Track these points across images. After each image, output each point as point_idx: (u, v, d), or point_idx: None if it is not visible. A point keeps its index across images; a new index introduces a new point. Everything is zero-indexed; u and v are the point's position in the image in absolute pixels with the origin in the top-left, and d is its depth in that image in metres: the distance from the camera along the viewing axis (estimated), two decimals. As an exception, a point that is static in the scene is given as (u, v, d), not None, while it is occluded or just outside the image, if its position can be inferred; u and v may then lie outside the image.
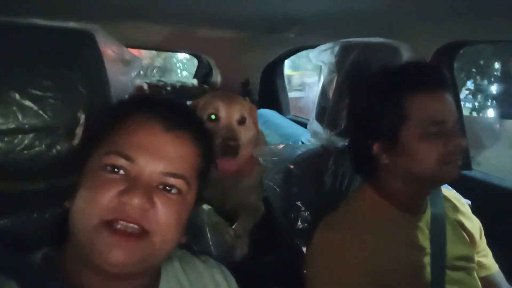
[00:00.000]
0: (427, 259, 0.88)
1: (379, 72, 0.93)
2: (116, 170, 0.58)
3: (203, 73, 2.51)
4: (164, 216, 0.58)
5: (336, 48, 1.14)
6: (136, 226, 0.56)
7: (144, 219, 0.56)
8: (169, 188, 0.60)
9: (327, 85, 1.18)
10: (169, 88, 2.08)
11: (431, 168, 0.84)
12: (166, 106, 0.67)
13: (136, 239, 0.56)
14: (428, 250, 0.89)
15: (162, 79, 2.22)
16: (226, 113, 1.19)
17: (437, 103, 0.85)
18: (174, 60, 4.42)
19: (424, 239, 0.90)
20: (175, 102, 0.71)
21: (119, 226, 0.55)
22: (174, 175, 0.60)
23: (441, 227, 0.93)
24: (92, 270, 0.56)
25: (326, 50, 1.16)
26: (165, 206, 0.58)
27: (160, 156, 0.60)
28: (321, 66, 1.21)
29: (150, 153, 0.59)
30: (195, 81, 2.42)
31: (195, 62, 2.58)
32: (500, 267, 1.03)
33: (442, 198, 0.99)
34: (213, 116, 1.19)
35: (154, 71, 4.01)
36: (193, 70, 2.66)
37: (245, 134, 1.22)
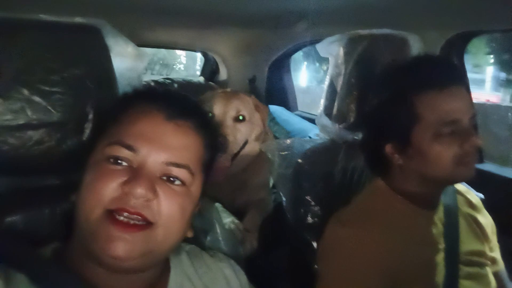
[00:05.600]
0: (440, 254, 0.86)
1: (388, 70, 0.91)
2: (119, 161, 0.58)
3: (209, 71, 2.51)
4: (168, 207, 0.57)
5: (344, 40, 1.13)
6: (139, 217, 0.55)
7: (147, 209, 0.56)
8: (172, 179, 0.59)
9: (335, 77, 1.16)
10: (175, 86, 2.08)
11: (446, 169, 0.81)
12: (168, 96, 0.67)
13: (139, 230, 0.55)
14: (442, 245, 0.87)
15: (170, 76, 2.22)
16: (221, 110, 1.20)
17: (450, 100, 0.81)
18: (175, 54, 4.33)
19: (438, 234, 0.88)
20: (177, 93, 0.70)
21: (122, 218, 0.55)
22: (177, 165, 0.59)
23: (454, 221, 0.91)
24: (97, 264, 0.56)
25: (333, 42, 1.15)
26: (168, 197, 0.58)
27: (162, 146, 0.59)
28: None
29: (152, 142, 0.59)
30: (201, 79, 2.42)
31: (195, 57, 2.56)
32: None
33: (455, 192, 0.96)
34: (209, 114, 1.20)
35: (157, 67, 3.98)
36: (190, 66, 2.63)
37: (243, 132, 1.22)
